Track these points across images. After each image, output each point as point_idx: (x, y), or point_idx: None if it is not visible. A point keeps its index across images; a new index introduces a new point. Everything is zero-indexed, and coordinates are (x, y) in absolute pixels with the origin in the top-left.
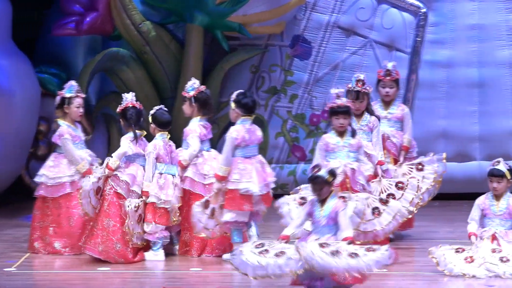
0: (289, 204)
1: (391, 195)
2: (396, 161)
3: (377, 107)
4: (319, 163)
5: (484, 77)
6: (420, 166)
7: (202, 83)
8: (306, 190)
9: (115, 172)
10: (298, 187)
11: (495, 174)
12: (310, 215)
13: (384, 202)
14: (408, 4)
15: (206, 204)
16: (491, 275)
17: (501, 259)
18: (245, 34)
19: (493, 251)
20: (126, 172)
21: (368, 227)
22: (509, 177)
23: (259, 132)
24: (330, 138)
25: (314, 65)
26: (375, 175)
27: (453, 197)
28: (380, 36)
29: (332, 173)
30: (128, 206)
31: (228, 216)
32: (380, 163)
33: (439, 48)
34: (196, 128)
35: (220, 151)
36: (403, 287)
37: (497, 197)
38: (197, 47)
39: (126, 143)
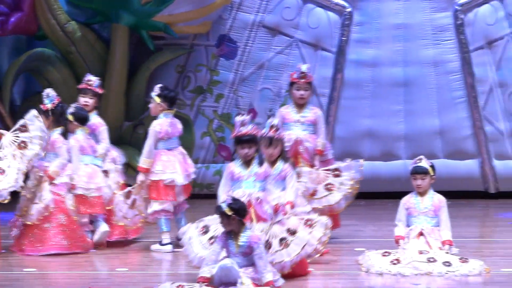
0: (190, 233)
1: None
2: (311, 166)
3: (289, 110)
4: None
5: (409, 76)
6: (337, 172)
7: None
8: (209, 218)
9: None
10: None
11: (419, 171)
12: (224, 247)
13: (292, 232)
14: (333, 4)
15: (128, 195)
16: (416, 272)
17: (428, 260)
18: (171, 33)
19: (420, 252)
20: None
21: (276, 258)
22: (432, 173)
23: (179, 125)
24: (235, 167)
25: (240, 64)
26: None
27: (379, 196)
28: (306, 35)
29: (233, 207)
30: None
31: (155, 206)
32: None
33: (365, 48)
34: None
35: None
36: (329, 286)
37: (421, 194)
38: (122, 47)
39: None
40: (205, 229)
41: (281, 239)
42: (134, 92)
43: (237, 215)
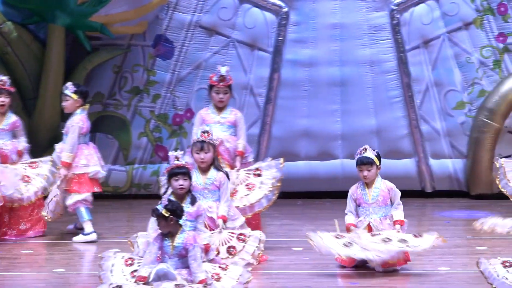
0: (114, 261)
1: (232, 247)
2: (231, 167)
3: (209, 112)
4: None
5: (345, 76)
6: (258, 172)
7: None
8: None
9: None
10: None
11: (365, 162)
12: (160, 249)
13: (224, 268)
14: (270, 4)
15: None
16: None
17: (383, 240)
18: (107, 34)
19: (373, 235)
20: None
21: None
22: (378, 163)
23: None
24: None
25: (176, 64)
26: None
27: (316, 195)
28: (242, 35)
29: (169, 209)
30: None
31: (76, 197)
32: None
33: (301, 47)
34: None
35: None
36: (267, 285)
37: (368, 185)
38: (59, 47)
39: None
40: (131, 261)
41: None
42: None
43: (174, 215)
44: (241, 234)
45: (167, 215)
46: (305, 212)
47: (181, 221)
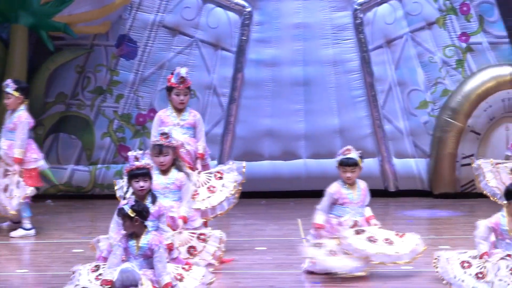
0: (81, 268)
1: (192, 248)
2: (192, 170)
3: (168, 114)
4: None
5: (309, 76)
6: (219, 175)
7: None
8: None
9: None
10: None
11: (350, 163)
12: (125, 250)
13: (187, 269)
14: (233, 4)
15: (6, 187)
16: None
17: (369, 240)
18: (70, 34)
19: (358, 232)
20: None
21: None
22: (360, 164)
23: None
24: None
25: (140, 64)
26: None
27: (279, 195)
28: (206, 35)
29: (135, 209)
30: None
31: (29, 192)
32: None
33: (265, 47)
34: None
35: (48, 151)
36: (232, 285)
37: (351, 185)
38: (22, 47)
39: None
40: (96, 268)
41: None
42: (33, 92)
43: (139, 216)
44: (201, 234)
45: (132, 215)
46: (269, 212)
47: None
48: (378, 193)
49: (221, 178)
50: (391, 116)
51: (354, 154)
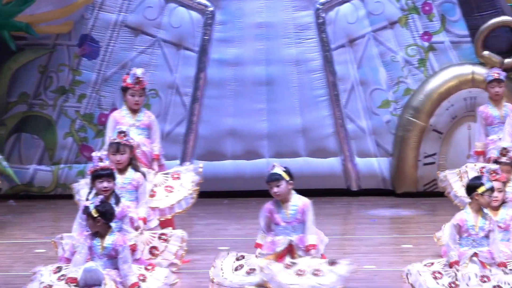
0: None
1: (154, 248)
2: (150, 170)
3: (123, 114)
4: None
5: (271, 75)
6: (176, 175)
7: None
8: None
9: None
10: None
11: (272, 179)
12: (90, 248)
13: (149, 269)
14: (195, 3)
15: None
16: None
17: (297, 274)
18: (33, 33)
19: (287, 266)
20: None
21: None
22: (287, 178)
23: None
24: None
25: (102, 64)
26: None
27: (242, 194)
28: (168, 35)
29: (99, 210)
30: None
31: None
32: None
33: (227, 47)
34: None
35: (10, 151)
36: (194, 285)
37: (283, 201)
38: None
39: None
40: (58, 270)
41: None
42: None
43: (102, 218)
44: (162, 234)
45: (95, 215)
46: (231, 211)
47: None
48: (340, 193)
49: (178, 178)
50: (353, 115)
51: (277, 169)
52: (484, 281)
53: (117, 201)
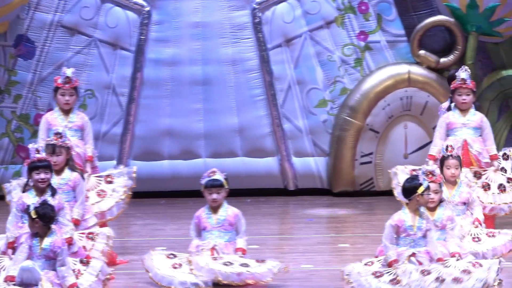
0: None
1: (82, 247)
2: (83, 172)
3: (55, 116)
4: None
5: (208, 75)
6: (109, 179)
7: None
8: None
9: None
10: None
11: (215, 185)
12: (30, 248)
13: (85, 263)
14: (132, 3)
15: None
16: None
17: (224, 264)
18: None
19: (214, 259)
20: None
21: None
22: (226, 186)
23: None
24: (27, 198)
25: (38, 64)
26: None
27: (179, 194)
28: (104, 34)
29: (38, 212)
30: None
31: None
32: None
33: (164, 46)
34: None
35: None
36: (131, 285)
37: (214, 209)
38: None
39: None
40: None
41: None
42: None
43: (40, 220)
44: (90, 233)
45: (34, 217)
46: (169, 212)
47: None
48: (277, 192)
49: (111, 182)
50: (290, 115)
51: (219, 176)
52: (426, 275)
53: (54, 193)
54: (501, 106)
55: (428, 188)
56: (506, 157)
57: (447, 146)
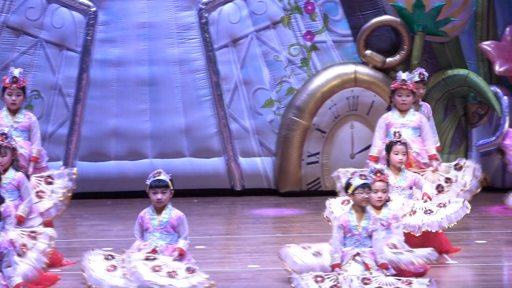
0: None
1: (23, 245)
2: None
3: (2, 116)
4: None
5: (154, 75)
6: (49, 180)
7: None
8: None
9: None
10: None
11: (161, 185)
12: None
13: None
14: (78, 3)
15: None
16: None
17: (153, 269)
18: None
19: (147, 258)
20: None
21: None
22: (171, 187)
23: None
24: None
25: None
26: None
27: (126, 195)
28: (50, 35)
29: None
30: None
31: None
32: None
33: (110, 47)
34: None
35: None
36: (77, 286)
37: (158, 210)
38: None
39: None
40: None
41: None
42: None
43: None
44: (32, 231)
45: None
46: (115, 212)
47: None
48: (224, 193)
49: (51, 183)
50: (237, 115)
51: (164, 177)
52: (366, 283)
53: (1, 201)
54: (447, 105)
55: (361, 186)
56: (459, 167)
57: (394, 132)
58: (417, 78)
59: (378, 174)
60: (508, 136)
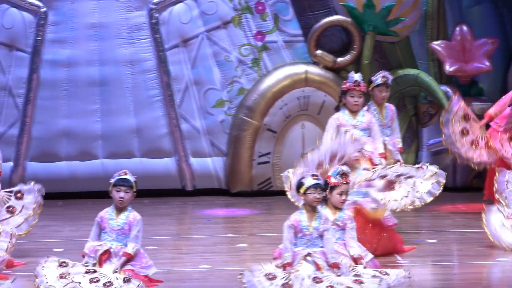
0: None
1: None
2: None
3: None
4: None
5: (105, 76)
6: (19, 195)
7: None
8: None
9: None
10: None
11: (126, 184)
12: None
13: None
14: (28, 4)
15: None
16: None
17: (104, 285)
18: None
19: (88, 271)
20: None
21: None
22: (134, 189)
23: None
24: None
25: None
26: None
27: (77, 195)
28: (0, 36)
29: None
30: None
31: None
32: None
33: (60, 47)
34: None
35: None
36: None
37: (119, 210)
38: None
39: None
40: None
41: None
42: None
43: None
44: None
45: None
46: (66, 213)
47: None
48: (175, 193)
49: (21, 198)
50: (188, 115)
51: (130, 177)
52: (317, 282)
53: None
54: (398, 105)
55: (313, 186)
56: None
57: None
58: (379, 81)
59: (344, 177)
60: None
